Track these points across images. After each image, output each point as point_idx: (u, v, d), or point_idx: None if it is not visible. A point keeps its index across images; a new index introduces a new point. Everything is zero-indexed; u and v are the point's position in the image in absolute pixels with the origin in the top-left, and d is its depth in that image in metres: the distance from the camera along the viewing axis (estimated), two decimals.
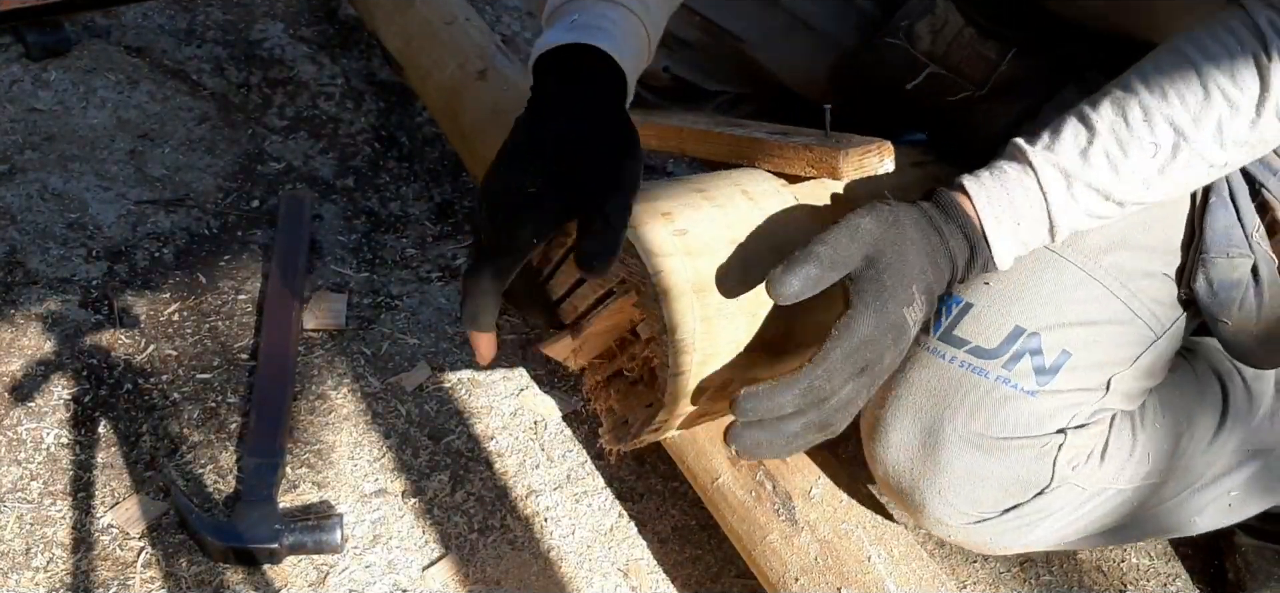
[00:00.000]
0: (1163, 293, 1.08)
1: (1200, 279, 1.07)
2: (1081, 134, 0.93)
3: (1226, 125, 0.92)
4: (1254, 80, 0.90)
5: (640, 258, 0.91)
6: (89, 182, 1.65)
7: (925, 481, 1.06)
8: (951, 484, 1.06)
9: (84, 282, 1.51)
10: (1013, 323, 1.04)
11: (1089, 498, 1.12)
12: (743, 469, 1.16)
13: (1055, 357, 1.04)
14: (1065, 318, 1.04)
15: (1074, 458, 1.08)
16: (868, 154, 1.03)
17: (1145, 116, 0.92)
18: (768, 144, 1.07)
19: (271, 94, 1.87)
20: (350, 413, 1.41)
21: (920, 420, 1.05)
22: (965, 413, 1.04)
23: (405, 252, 1.63)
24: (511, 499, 1.34)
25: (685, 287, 0.92)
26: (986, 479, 1.06)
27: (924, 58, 1.17)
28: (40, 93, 1.79)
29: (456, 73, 1.64)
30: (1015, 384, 1.04)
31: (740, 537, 1.16)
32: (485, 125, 1.56)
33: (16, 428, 1.33)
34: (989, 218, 0.93)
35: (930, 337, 1.06)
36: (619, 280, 0.95)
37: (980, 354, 1.04)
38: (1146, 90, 0.92)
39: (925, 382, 1.05)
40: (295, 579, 1.23)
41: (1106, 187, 0.93)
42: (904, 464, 1.07)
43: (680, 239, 0.94)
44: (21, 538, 1.23)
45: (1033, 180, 0.93)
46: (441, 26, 1.72)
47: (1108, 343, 1.06)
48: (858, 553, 1.09)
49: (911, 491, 1.07)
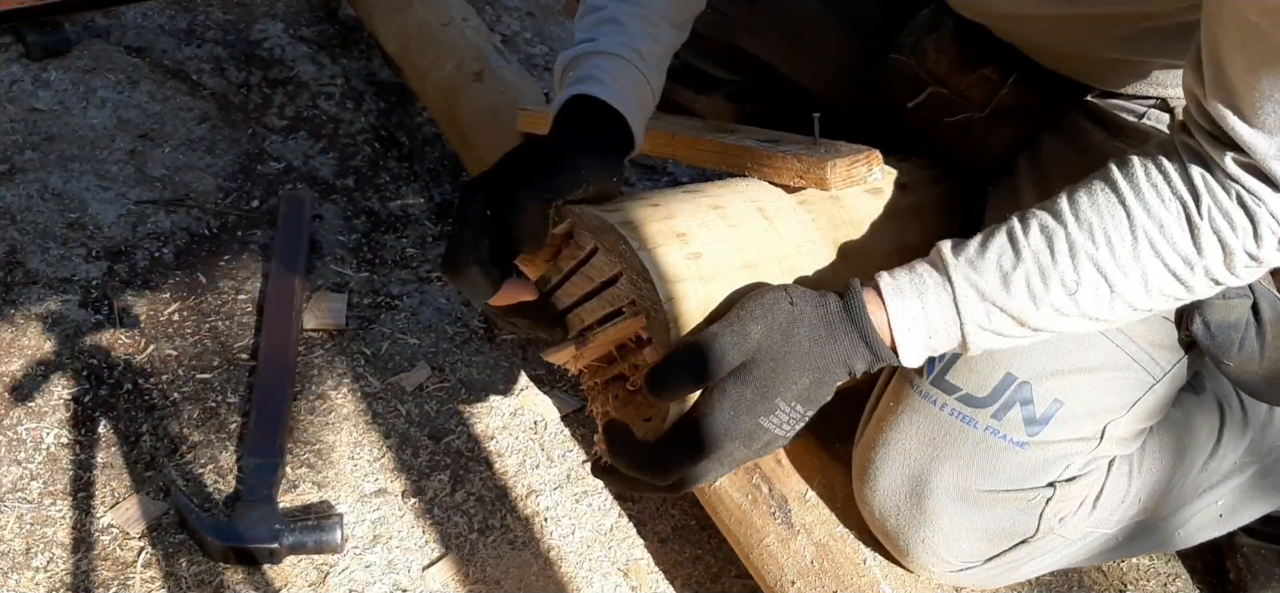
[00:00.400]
0: (1162, 336, 1.06)
1: (1197, 322, 1.04)
2: (1007, 255, 0.91)
3: (1153, 278, 0.90)
4: (1184, 238, 0.88)
5: (654, 284, 0.90)
6: (89, 182, 1.65)
7: (911, 530, 1.06)
8: (936, 535, 1.06)
9: (84, 282, 1.51)
10: (1004, 370, 1.03)
11: (1072, 544, 1.11)
12: (739, 473, 1.16)
13: (1047, 406, 1.03)
14: (1059, 366, 1.03)
15: (1063, 511, 1.07)
16: (856, 164, 1.02)
17: (1071, 253, 0.90)
18: (757, 153, 1.07)
19: (271, 94, 1.87)
20: (350, 413, 1.41)
21: (908, 469, 1.05)
22: (953, 465, 1.04)
23: (405, 252, 1.63)
24: (511, 499, 1.34)
25: (696, 314, 0.92)
26: (971, 531, 1.06)
27: (928, 76, 1.17)
28: (40, 93, 1.79)
29: (453, 74, 1.64)
30: (1004, 435, 1.03)
31: (738, 540, 1.16)
32: (483, 126, 1.56)
33: (16, 428, 1.33)
34: (900, 328, 0.91)
35: (923, 380, 1.05)
36: (630, 302, 0.94)
37: (970, 403, 1.03)
38: (1077, 226, 0.90)
39: (915, 428, 1.05)
40: (295, 579, 1.23)
41: (1023, 314, 0.92)
42: (891, 511, 1.07)
43: (694, 263, 0.93)
44: (21, 538, 1.23)
45: (949, 297, 0.91)
46: (438, 28, 1.72)
47: (1103, 390, 1.05)
48: (854, 557, 1.09)
49: (897, 536, 1.08)
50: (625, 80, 1.05)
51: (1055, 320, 0.92)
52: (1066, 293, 0.90)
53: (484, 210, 0.94)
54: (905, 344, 0.92)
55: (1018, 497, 1.05)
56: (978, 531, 1.06)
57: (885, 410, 1.09)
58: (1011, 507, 1.05)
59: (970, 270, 0.91)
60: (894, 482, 1.06)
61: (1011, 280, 0.91)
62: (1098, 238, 0.89)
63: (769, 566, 1.12)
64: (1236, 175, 0.85)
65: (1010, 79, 1.13)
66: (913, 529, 1.06)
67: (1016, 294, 0.91)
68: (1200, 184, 0.86)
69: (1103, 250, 0.89)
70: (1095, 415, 1.05)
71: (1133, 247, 0.88)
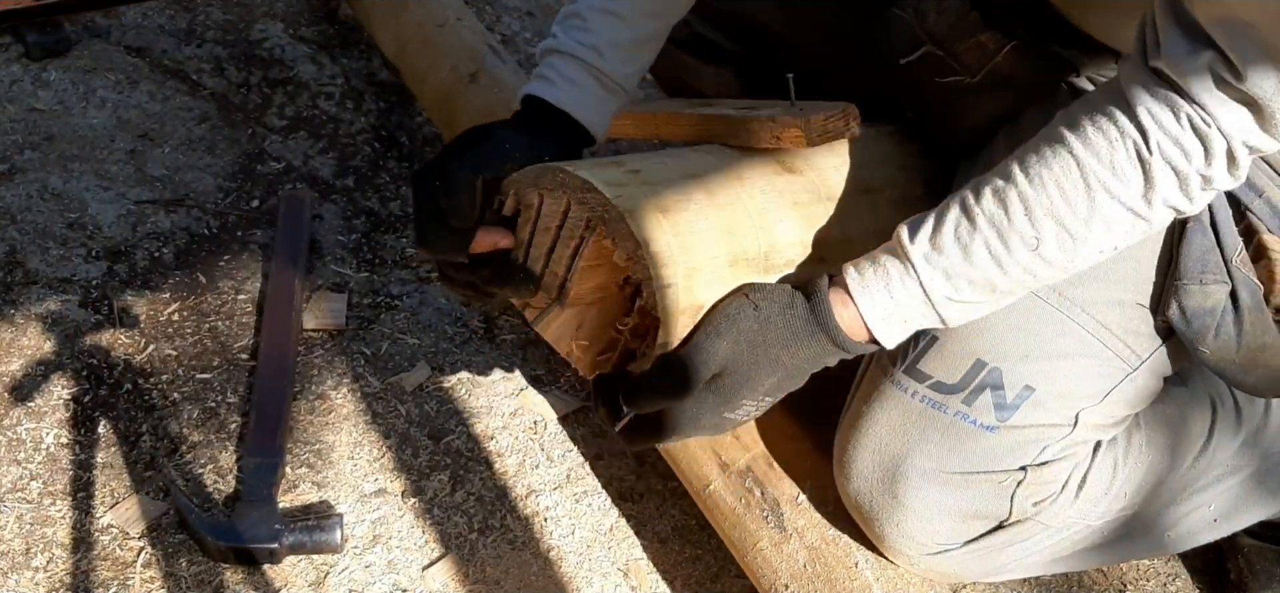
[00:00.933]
0: (1138, 323, 1.07)
1: (1172, 307, 1.05)
2: (963, 227, 0.92)
3: (1114, 219, 0.91)
4: (1136, 174, 0.89)
5: (599, 189, 0.94)
6: (89, 182, 1.65)
7: (885, 514, 1.08)
8: (909, 518, 1.07)
9: (84, 282, 1.51)
10: (975, 356, 1.04)
11: (1055, 533, 1.12)
12: (732, 476, 1.16)
13: (1017, 392, 1.04)
14: (1030, 351, 1.04)
15: (1036, 494, 1.08)
16: (832, 119, 1.04)
17: (1026, 210, 0.91)
18: (734, 120, 1.09)
19: (271, 94, 1.87)
20: (350, 413, 1.41)
21: (881, 457, 1.07)
22: (924, 451, 1.05)
23: (405, 252, 1.63)
24: (511, 499, 1.34)
25: (649, 206, 0.94)
26: (944, 513, 1.07)
27: (925, 35, 1.17)
28: (40, 93, 1.79)
29: (449, 77, 1.63)
30: (974, 420, 1.04)
31: (734, 543, 1.17)
32: None
33: (16, 428, 1.33)
34: (874, 320, 0.94)
35: (895, 369, 1.07)
36: (586, 224, 0.97)
37: (941, 389, 1.05)
38: (1028, 183, 0.91)
39: (887, 418, 1.07)
40: (295, 579, 1.22)
41: (991, 280, 0.93)
42: (866, 497, 1.09)
43: (633, 175, 0.98)
44: (21, 538, 1.23)
45: (914, 281, 0.94)
46: (434, 29, 1.71)
47: (1075, 376, 1.05)
48: (846, 559, 1.10)
49: (872, 520, 1.10)
50: (577, 76, 1.12)
51: (1026, 279, 0.94)
52: (1029, 250, 0.92)
53: (432, 184, 1.04)
54: (882, 333, 0.95)
55: (989, 479, 1.06)
56: (949, 511, 1.07)
57: (861, 399, 1.11)
58: (983, 488, 1.06)
59: (929, 249, 0.93)
60: (868, 467, 1.08)
61: (972, 251, 0.92)
62: (1051, 191, 0.90)
63: (764, 570, 1.12)
64: (1196, 94, 0.85)
65: (1006, 47, 1.13)
66: (887, 514, 1.08)
67: (979, 263, 0.92)
68: (1147, 120, 0.88)
69: (1058, 202, 0.90)
70: (1066, 401, 1.05)
71: (1087, 194, 0.90)
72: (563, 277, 1.00)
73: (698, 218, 0.97)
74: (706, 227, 0.96)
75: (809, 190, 1.06)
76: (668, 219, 0.94)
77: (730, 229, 0.98)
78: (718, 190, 1.00)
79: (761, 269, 0.99)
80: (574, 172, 0.97)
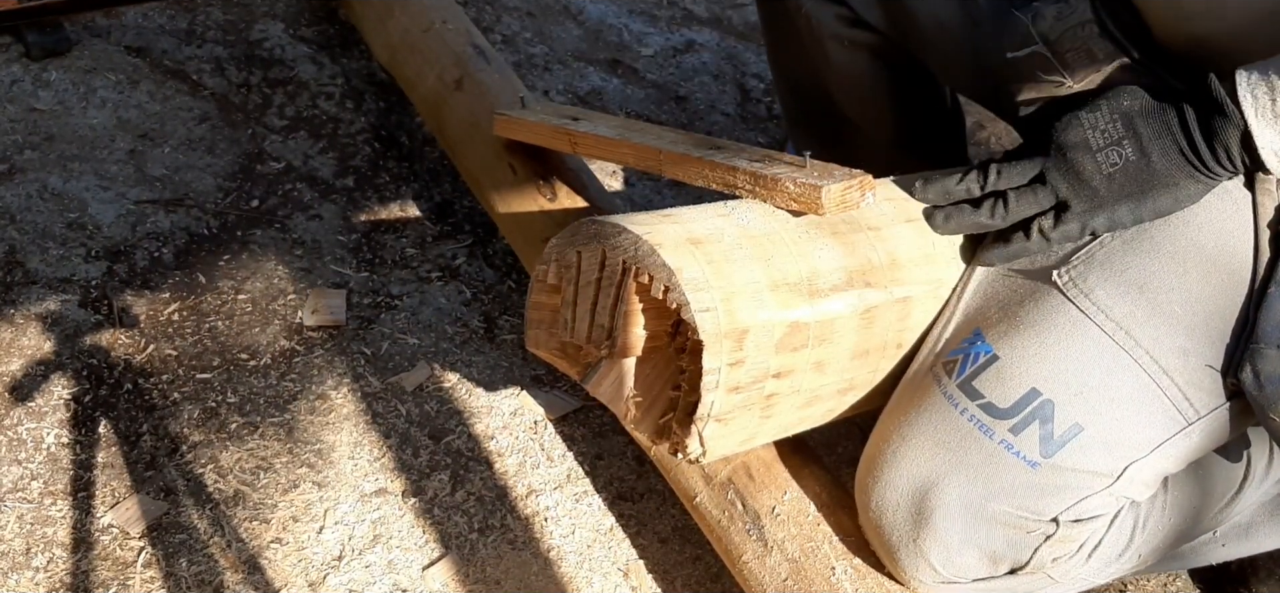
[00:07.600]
0: (1202, 377, 1.01)
1: (1246, 370, 0.99)
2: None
3: None
4: None
5: (630, 229, 0.94)
6: (89, 181, 1.65)
7: (908, 533, 1.03)
8: (932, 542, 1.02)
9: (84, 282, 1.51)
10: (1030, 384, 0.99)
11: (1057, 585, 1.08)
12: (715, 488, 1.15)
13: (1065, 428, 0.99)
14: (1085, 387, 0.99)
15: (1058, 551, 1.04)
16: (850, 190, 1.02)
17: None
18: (748, 173, 1.06)
19: (271, 94, 1.87)
20: (350, 413, 1.41)
21: (918, 473, 1.02)
22: (962, 474, 1.01)
23: (405, 252, 1.63)
24: (511, 499, 1.34)
25: (680, 238, 0.94)
26: (969, 547, 1.03)
27: (1038, 36, 1.13)
28: (40, 93, 1.79)
29: (436, 84, 1.63)
30: (1018, 451, 0.99)
31: (725, 553, 1.16)
32: (465, 141, 1.54)
33: (16, 428, 1.33)
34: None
35: (950, 380, 1.03)
36: (622, 268, 0.96)
37: (991, 412, 1.00)
38: None
39: (932, 430, 1.02)
40: (295, 579, 1.22)
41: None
42: (890, 512, 1.04)
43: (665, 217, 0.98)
44: (21, 538, 1.23)
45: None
46: (419, 35, 1.70)
47: (1127, 422, 1.00)
48: (825, 572, 1.07)
49: (890, 535, 1.05)
50: None
51: None
52: None
53: None
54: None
55: (1020, 524, 1.02)
56: (976, 547, 1.03)
57: (905, 403, 1.05)
58: (1012, 533, 1.02)
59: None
60: (901, 482, 1.03)
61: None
62: None
63: (750, 583, 1.11)
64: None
65: (1116, 62, 1.10)
66: (910, 533, 1.03)
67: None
68: None
69: None
70: (1113, 451, 1.00)
71: None
72: (609, 326, 0.99)
73: (733, 248, 0.96)
74: (742, 255, 0.96)
75: (847, 222, 1.05)
76: (700, 249, 0.94)
77: (768, 257, 0.97)
78: (751, 223, 1.00)
79: (806, 294, 0.99)
80: (604, 220, 0.97)
